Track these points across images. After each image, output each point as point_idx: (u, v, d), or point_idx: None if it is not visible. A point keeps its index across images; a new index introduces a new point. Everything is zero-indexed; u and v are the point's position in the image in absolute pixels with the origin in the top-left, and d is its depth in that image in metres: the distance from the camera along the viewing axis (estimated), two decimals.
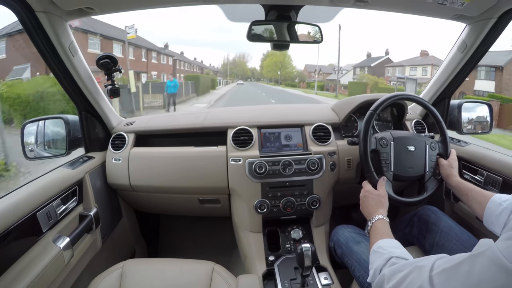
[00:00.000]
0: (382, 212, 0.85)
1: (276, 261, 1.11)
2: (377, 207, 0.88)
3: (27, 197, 0.83)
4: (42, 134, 1.19)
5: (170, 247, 1.75)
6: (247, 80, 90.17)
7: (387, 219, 0.83)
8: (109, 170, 1.25)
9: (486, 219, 0.80)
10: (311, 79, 50.02)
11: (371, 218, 0.85)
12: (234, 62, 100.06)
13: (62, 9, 0.88)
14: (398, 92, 1.07)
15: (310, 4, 1.00)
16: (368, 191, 0.93)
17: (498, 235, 0.76)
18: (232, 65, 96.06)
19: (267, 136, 1.25)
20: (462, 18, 1.03)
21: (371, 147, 0.99)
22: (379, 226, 0.81)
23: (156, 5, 0.98)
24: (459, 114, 1.33)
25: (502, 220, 0.74)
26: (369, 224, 0.84)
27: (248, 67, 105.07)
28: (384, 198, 0.90)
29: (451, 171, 0.97)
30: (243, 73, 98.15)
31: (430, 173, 1.01)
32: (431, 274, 0.52)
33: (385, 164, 0.99)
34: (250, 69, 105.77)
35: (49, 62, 0.99)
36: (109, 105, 1.29)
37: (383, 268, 0.66)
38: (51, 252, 0.85)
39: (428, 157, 1.01)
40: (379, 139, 1.00)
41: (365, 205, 0.92)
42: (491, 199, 0.79)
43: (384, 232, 0.78)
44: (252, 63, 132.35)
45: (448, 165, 0.99)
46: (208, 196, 1.29)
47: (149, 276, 0.89)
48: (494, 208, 0.77)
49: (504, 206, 0.75)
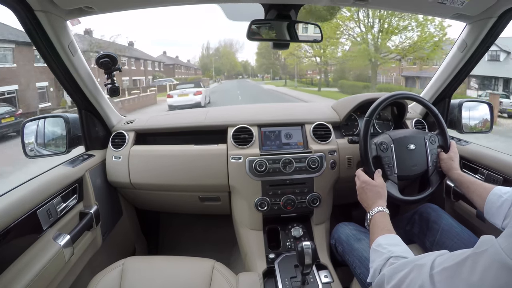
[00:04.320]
0: (381, 203, 0.85)
1: (277, 259, 1.11)
2: (376, 198, 0.87)
3: (28, 194, 0.83)
4: (42, 132, 1.19)
5: (170, 245, 1.75)
6: (237, 77, 66.62)
7: (386, 210, 0.83)
8: (109, 168, 1.26)
9: (486, 211, 0.80)
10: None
11: (370, 210, 0.84)
12: (217, 53, 67.30)
13: (62, 9, 0.88)
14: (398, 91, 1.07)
15: (310, 3, 1.00)
16: (365, 182, 0.92)
17: (498, 227, 0.76)
18: (214, 57, 64.93)
19: (267, 134, 1.26)
20: (462, 17, 1.03)
21: (372, 154, 0.98)
22: (379, 219, 0.81)
23: (156, 4, 0.98)
24: (459, 113, 1.34)
25: (502, 212, 0.75)
26: (369, 216, 0.84)
27: (238, 60, 74.42)
28: (382, 188, 0.90)
29: (451, 164, 0.98)
30: (231, 68, 68.71)
31: (433, 167, 1.02)
32: (431, 272, 0.52)
33: (388, 168, 0.99)
34: (242, 63, 76.31)
35: (49, 61, 0.99)
36: (109, 104, 1.29)
37: (382, 268, 0.65)
38: (52, 250, 0.85)
39: (429, 151, 1.01)
40: (378, 144, 1.00)
41: (363, 197, 0.91)
42: (492, 191, 0.80)
43: (385, 226, 0.78)
44: (244, 54, 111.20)
45: (449, 158, 0.99)
46: (209, 194, 1.29)
47: (149, 273, 0.89)
48: (494, 200, 0.78)
49: (504, 198, 0.76)
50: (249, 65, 77.12)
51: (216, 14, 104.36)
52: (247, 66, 77.62)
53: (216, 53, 67.17)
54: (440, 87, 1.32)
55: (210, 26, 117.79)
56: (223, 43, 73.14)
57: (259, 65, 59.63)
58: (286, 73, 44.18)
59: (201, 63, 60.35)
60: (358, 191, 0.94)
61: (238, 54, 75.52)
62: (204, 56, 64.05)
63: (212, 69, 56.67)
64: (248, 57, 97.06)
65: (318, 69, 28.08)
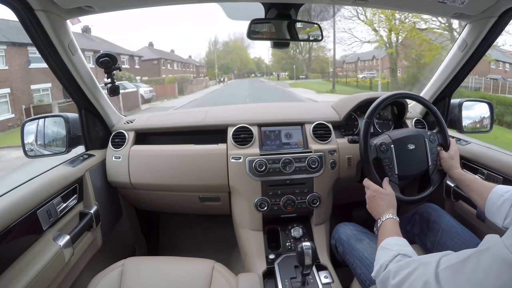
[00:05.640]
0: (392, 211, 0.85)
1: (277, 260, 1.11)
2: (387, 206, 0.87)
3: (27, 195, 0.83)
4: (42, 132, 1.19)
5: (170, 245, 1.75)
6: (249, 76, 57.58)
7: (397, 218, 0.83)
8: (109, 168, 1.26)
9: (487, 210, 0.80)
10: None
11: (381, 217, 0.84)
12: (225, 48, 56.83)
13: (62, 8, 0.88)
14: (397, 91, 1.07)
15: (310, 2, 1.00)
16: (376, 190, 0.92)
17: (499, 226, 0.76)
18: (223, 53, 55.37)
19: (267, 134, 1.25)
20: (462, 16, 1.03)
21: (372, 155, 0.98)
22: (389, 224, 0.81)
23: (155, 3, 0.98)
24: (459, 113, 1.34)
25: (503, 211, 0.75)
26: (379, 222, 0.84)
27: (250, 57, 63.93)
28: (393, 197, 0.90)
29: (452, 163, 0.97)
30: (242, 65, 58.58)
31: (433, 166, 1.01)
32: (437, 270, 0.52)
33: (388, 169, 0.98)
34: (254, 60, 65.65)
35: (49, 60, 0.98)
36: (109, 103, 1.29)
37: (389, 264, 0.66)
38: (52, 250, 0.85)
39: (430, 150, 1.01)
40: (378, 146, 0.99)
41: (374, 205, 0.90)
42: (493, 190, 0.80)
43: (394, 230, 0.78)
44: (256, 50, 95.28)
45: (449, 157, 0.99)
46: (209, 194, 1.29)
47: (149, 274, 0.89)
48: (495, 199, 0.78)
49: (505, 197, 0.76)
50: (263, 62, 67.30)
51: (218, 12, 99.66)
52: (260, 64, 67.41)
53: (225, 48, 56.84)
54: (440, 87, 1.31)
55: (217, 22, 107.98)
56: (233, 37, 61.33)
57: (277, 60, 49.18)
58: (310, 70, 37.18)
59: (207, 60, 51.24)
60: (368, 200, 0.93)
61: (250, 50, 66.59)
62: (211, 52, 53.27)
63: (215, 65, 45.38)
64: (262, 53, 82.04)
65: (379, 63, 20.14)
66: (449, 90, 1.32)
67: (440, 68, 1.29)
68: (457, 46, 1.16)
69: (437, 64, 1.30)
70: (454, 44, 1.18)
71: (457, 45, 1.16)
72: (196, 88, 23.64)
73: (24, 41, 12.13)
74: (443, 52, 11.72)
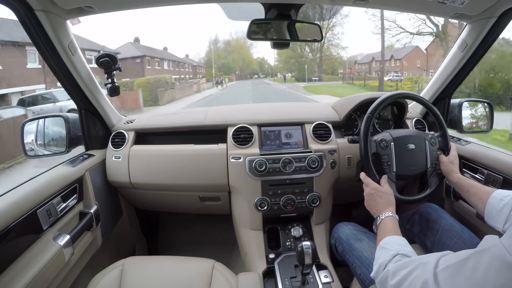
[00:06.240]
0: (391, 209, 0.86)
1: (276, 259, 1.11)
2: (386, 205, 0.87)
3: (28, 194, 0.83)
4: (42, 132, 1.19)
5: (170, 245, 1.75)
6: (252, 77, 54.19)
7: (396, 216, 0.83)
8: (109, 168, 1.26)
9: (487, 215, 0.80)
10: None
11: (381, 215, 0.84)
12: (227, 47, 53.07)
13: (62, 8, 0.88)
14: (397, 91, 1.07)
15: (310, 2, 1.00)
16: (375, 188, 0.92)
17: (499, 231, 0.76)
18: (224, 52, 51.86)
19: (267, 134, 1.26)
20: (462, 17, 1.03)
21: (372, 150, 0.98)
22: (388, 222, 0.81)
23: (156, 3, 0.98)
24: (459, 113, 1.34)
25: (503, 215, 0.75)
26: (378, 220, 0.84)
27: (253, 57, 60.03)
28: (391, 195, 0.90)
29: (451, 168, 0.97)
30: (245, 66, 54.78)
31: (432, 169, 1.01)
32: (436, 270, 0.52)
33: (386, 166, 0.99)
34: (258, 61, 61.86)
35: (49, 61, 0.99)
36: (109, 103, 1.29)
37: (388, 264, 0.66)
38: (52, 250, 0.85)
39: (429, 153, 1.01)
40: (378, 141, 1.00)
41: (373, 203, 0.90)
42: (492, 195, 0.80)
43: (393, 228, 0.78)
44: (259, 50, 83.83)
45: (449, 161, 0.99)
46: (209, 193, 1.29)
47: (149, 273, 0.89)
48: (495, 203, 0.78)
49: (505, 202, 0.75)
50: (266, 63, 63.05)
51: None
52: (263, 64, 63.31)
53: (226, 47, 52.70)
54: (440, 87, 1.32)
55: (218, 20, 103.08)
56: (235, 35, 56.46)
57: (284, 60, 45.06)
58: (321, 71, 33.36)
59: (206, 59, 47.66)
60: (367, 197, 0.93)
61: (253, 50, 61.04)
62: (211, 51, 49.48)
63: (213, 65, 41.49)
64: (265, 53, 71.29)
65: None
66: (449, 90, 1.32)
67: (440, 68, 1.29)
68: (457, 46, 1.16)
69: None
70: (454, 45, 1.18)
71: (457, 45, 1.16)
72: (180, 94, 17.60)
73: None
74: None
